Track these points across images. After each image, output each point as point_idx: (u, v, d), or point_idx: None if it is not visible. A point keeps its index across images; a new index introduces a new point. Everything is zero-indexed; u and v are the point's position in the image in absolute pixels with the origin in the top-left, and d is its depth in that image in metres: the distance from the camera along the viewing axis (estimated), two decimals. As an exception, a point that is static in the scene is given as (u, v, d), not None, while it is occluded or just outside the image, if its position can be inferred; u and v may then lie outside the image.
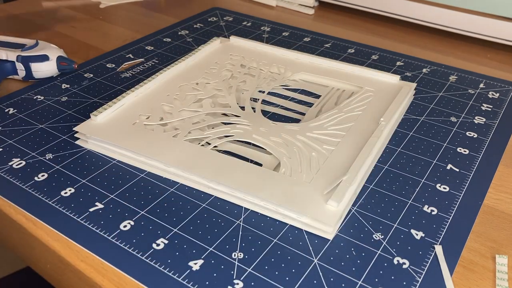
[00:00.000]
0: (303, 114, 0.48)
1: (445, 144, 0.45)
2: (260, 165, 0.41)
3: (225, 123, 0.45)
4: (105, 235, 0.34)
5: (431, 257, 0.33)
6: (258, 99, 0.49)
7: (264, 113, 0.48)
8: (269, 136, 0.42)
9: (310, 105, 0.50)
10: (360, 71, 0.53)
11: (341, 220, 0.36)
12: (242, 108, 0.47)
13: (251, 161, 0.41)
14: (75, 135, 0.44)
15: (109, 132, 0.42)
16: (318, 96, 0.51)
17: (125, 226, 0.35)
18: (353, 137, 0.43)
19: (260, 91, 0.51)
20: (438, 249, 0.33)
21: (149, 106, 0.46)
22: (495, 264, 0.33)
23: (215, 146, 0.42)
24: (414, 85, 0.50)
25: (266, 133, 0.43)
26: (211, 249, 0.33)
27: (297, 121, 0.47)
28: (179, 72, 0.52)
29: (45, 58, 0.52)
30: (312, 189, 0.37)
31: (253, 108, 0.48)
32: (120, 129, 0.43)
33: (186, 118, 0.45)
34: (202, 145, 0.42)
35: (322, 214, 0.35)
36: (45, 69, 0.52)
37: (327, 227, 0.34)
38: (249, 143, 0.43)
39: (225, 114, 0.47)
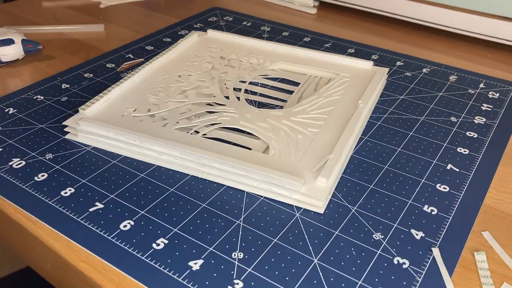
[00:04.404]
0: (285, 101, 0.50)
1: (445, 144, 0.45)
2: (250, 149, 0.41)
3: (212, 112, 0.46)
4: (105, 235, 0.34)
5: (431, 257, 0.33)
6: (241, 89, 0.50)
7: (248, 101, 0.49)
8: (256, 122, 0.44)
9: (290, 92, 0.52)
10: (335, 58, 0.55)
11: (330, 195, 0.38)
12: (227, 97, 0.48)
13: (241, 147, 0.42)
14: (64, 129, 0.44)
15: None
16: (297, 84, 0.53)
17: (125, 226, 0.35)
18: (334, 119, 0.45)
19: (241, 81, 0.52)
20: (436, 251, 0.33)
21: (135, 99, 0.47)
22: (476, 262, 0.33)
23: (204, 134, 0.43)
24: (386, 69, 0.53)
25: (252, 119, 0.44)
26: (211, 249, 0.33)
27: (280, 108, 0.48)
28: (160, 66, 0.53)
29: (11, 42, 0.54)
30: (302, 168, 0.39)
31: (237, 97, 0.48)
32: (110, 121, 0.43)
33: (173, 109, 0.46)
34: (191, 134, 0.43)
35: (313, 190, 0.37)
36: (12, 52, 0.55)
37: (318, 202, 0.36)
38: (236, 130, 0.44)
39: (210, 104, 0.48)
